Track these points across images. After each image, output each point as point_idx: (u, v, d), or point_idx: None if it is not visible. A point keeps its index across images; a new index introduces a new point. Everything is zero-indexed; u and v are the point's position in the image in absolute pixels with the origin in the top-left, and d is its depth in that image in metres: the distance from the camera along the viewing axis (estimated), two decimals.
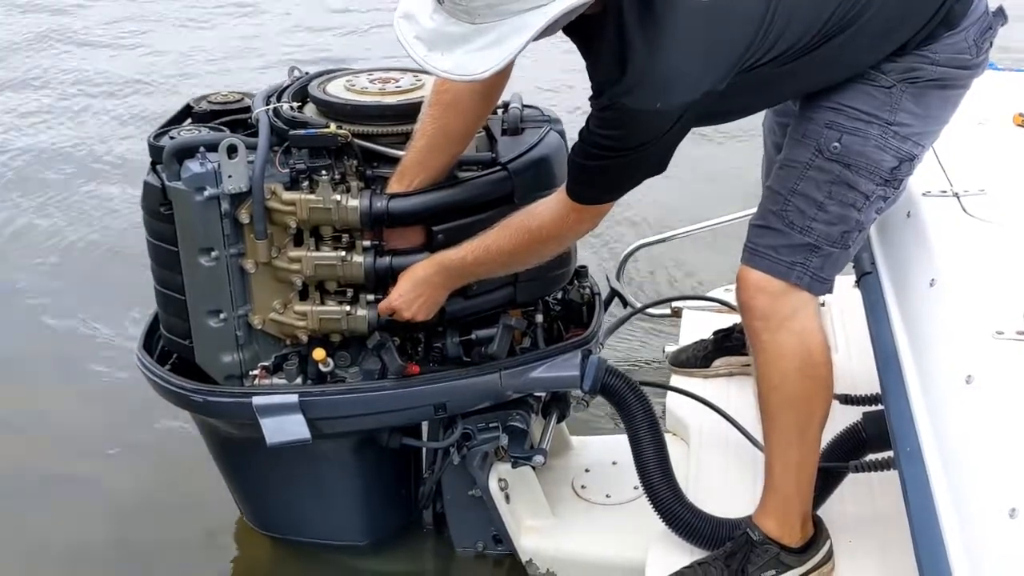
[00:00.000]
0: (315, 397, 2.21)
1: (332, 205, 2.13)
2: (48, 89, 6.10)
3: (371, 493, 2.54)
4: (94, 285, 3.97)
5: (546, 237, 2.00)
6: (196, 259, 2.18)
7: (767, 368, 1.97)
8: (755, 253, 1.95)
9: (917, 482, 1.65)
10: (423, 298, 2.13)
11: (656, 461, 2.25)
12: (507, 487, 2.41)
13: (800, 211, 1.91)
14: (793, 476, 2.04)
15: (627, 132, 1.78)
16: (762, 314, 1.93)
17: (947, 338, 1.78)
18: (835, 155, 1.89)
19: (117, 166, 4.99)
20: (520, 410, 2.37)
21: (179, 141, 2.17)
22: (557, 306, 2.45)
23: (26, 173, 5.00)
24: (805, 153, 1.92)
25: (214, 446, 2.54)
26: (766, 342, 1.95)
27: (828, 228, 1.91)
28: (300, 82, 2.37)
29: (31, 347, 3.59)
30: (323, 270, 2.19)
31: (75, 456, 3.01)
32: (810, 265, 1.92)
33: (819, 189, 1.90)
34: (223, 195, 2.12)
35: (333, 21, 7.30)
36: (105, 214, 4.53)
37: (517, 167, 2.19)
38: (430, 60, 1.63)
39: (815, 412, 1.99)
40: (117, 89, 6.05)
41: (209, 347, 2.26)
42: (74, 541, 2.71)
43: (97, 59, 6.61)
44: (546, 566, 2.46)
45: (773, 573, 2.06)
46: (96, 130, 5.48)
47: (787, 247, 1.92)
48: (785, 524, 2.06)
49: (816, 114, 1.92)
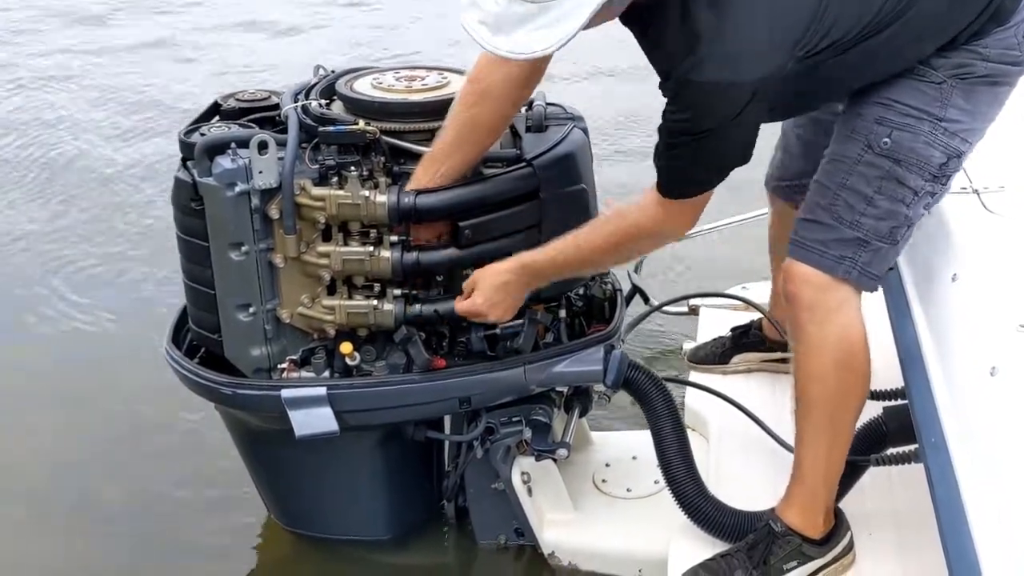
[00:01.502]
0: (343, 390, 2.24)
1: (360, 201, 2.16)
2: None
3: (395, 488, 2.56)
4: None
5: (640, 235, 2.03)
6: (226, 254, 2.21)
7: (808, 359, 1.99)
8: (803, 247, 1.97)
9: (943, 473, 1.68)
10: (508, 300, 2.16)
11: (678, 454, 2.27)
12: (530, 480, 2.44)
13: (849, 206, 1.94)
14: (822, 469, 2.06)
15: (700, 111, 1.79)
16: (808, 305, 1.95)
17: (971, 331, 1.81)
18: (885, 151, 1.91)
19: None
20: (543, 404, 2.40)
21: (210, 137, 2.20)
22: (579, 302, 2.47)
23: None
24: (855, 148, 1.94)
25: (241, 441, 2.57)
26: (811, 334, 1.96)
27: (877, 223, 1.93)
28: (327, 80, 2.40)
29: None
30: (351, 265, 2.22)
31: (101, 452, 3.04)
32: (859, 260, 1.94)
33: (869, 184, 1.93)
34: (253, 190, 2.15)
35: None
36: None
37: (542, 163, 2.22)
38: (494, 42, 1.69)
39: (850, 407, 2.01)
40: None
41: (238, 341, 2.29)
42: (95, 535, 2.74)
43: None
44: (568, 558, 2.49)
45: (795, 564, 2.09)
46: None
47: (836, 241, 1.94)
48: (809, 516, 2.09)
49: (865, 110, 1.94)
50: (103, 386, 3.36)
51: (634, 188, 4.02)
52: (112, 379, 3.40)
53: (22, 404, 3.28)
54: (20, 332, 3.69)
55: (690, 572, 2.14)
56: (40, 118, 5.71)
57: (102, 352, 3.58)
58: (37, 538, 2.74)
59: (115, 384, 3.37)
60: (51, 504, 2.85)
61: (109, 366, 3.48)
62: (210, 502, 2.84)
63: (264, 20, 7.57)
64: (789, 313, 2.03)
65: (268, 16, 7.63)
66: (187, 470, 2.95)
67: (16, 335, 3.68)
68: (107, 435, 3.12)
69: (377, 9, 7.84)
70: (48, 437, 3.12)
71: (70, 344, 3.64)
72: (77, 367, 3.48)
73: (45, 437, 3.12)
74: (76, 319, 3.77)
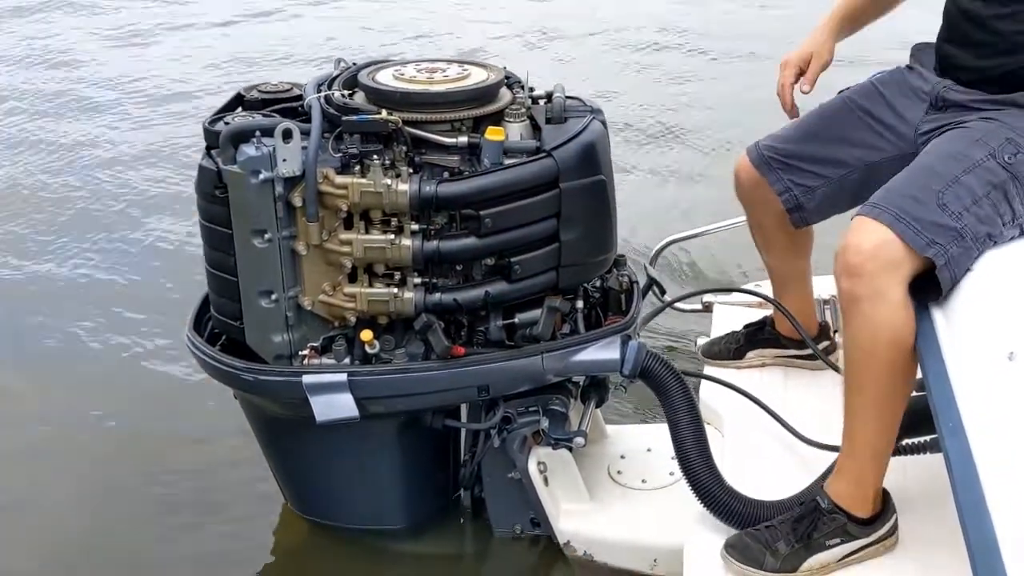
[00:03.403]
0: (364, 376, 2.27)
1: (383, 189, 2.19)
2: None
3: (412, 477, 2.59)
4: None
5: None
6: (249, 241, 2.24)
7: (861, 334, 1.97)
8: (896, 217, 1.95)
9: (961, 457, 1.69)
10: None
11: (695, 444, 2.29)
12: (546, 470, 2.46)
13: (958, 197, 1.97)
14: (872, 443, 2.06)
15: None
16: (869, 280, 1.93)
17: (989, 318, 1.83)
18: (1006, 164, 2.02)
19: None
20: (560, 394, 2.43)
21: (235, 126, 2.23)
22: (596, 293, 2.49)
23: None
24: (980, 152, 2.03)
25: (259, 429, 2.60)
26: (865, 310, 1.95)
27: (977, 224, 1.96)
28: (349, 72, 2.43)
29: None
30: (372, 253, 2.24)
31: (121, 442, 3.07)
32: (949, 250, 1.94)
33: (981, 187, 1.99)
34: (277, 178, 2.18)
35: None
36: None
37: (561, 154, 2.25)
38: None
39: (899, 385, 2.01)
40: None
41: (260, 327, 2.32)
42: (107, 519, 2.77)
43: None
44: (583, 548, 2.51)
45: (838, 541, 2.09)
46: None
47: (934, 225, 1.94)
48: (857, 493, 2.09)
49: (996, 127, 2.06)
50: (119, 365, 3.42)
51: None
52: (128, 361, 3.45)
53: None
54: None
55: (734, 538, 2.16)
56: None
57: (116, 333, 3.64)
58: (47, 522, 2.77)
59: (132, 364, 3.42)
60: (61, 488, 2.89)
61: (127, 344, 3.53)
62: (226, 488, 2.87)
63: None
64: (845, 288, 1.99)
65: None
66: (203, 457, 2.98)
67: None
68: (122, 418, 3.16)
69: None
70: (63, 417, 3.17)
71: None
72: (88, 352, 3.54)
73: (64, 418, 3.17)
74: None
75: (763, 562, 2.10)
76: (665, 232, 3.51)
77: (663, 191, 4.80)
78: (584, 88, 2.60)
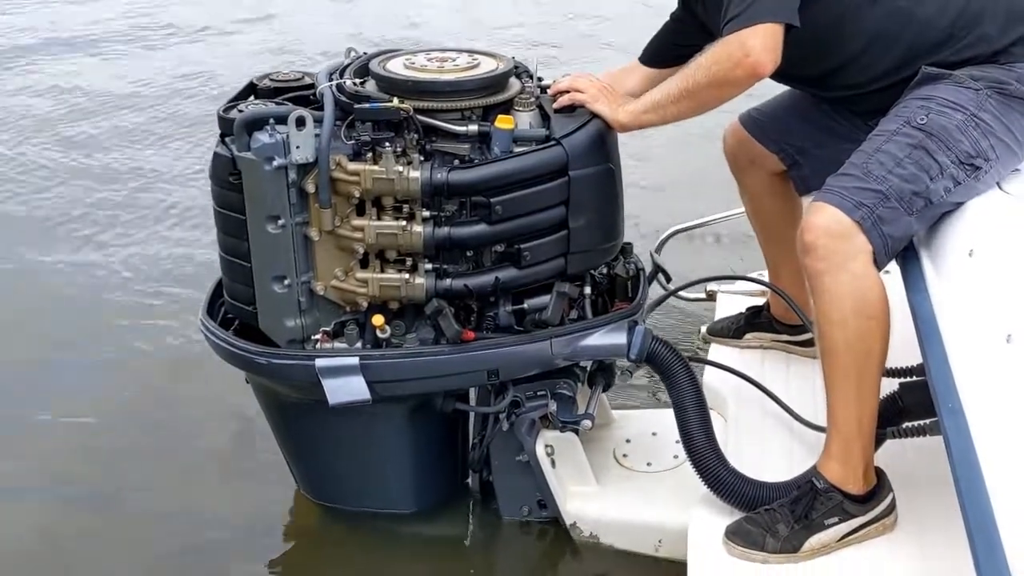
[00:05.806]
0: (375, 360, 2.31)
1: (395, 176, 2.23)
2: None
3: (422, 462, 2.63)
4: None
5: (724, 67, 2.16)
6: (263, 227, 2.28)
7: (828, 307, 2.07)
8: (828, 191, 2.12)
9: (960, 437, 1.73)
10: (610, 93, 2.35)
11: (700, 426, 2.33)
12: (553, 453, 2.50)
13: (880, 163, 2.10)
14: (854, 417, 2.12)
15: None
16: (823, 255, 2.05)
17: (987, 301, 1.87)
18: (920, 126, 2.12)
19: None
20: (567, 379, 2.47)
21: (249, 113, 2.27)
22: (603, 280, 2.53)
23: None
24: (894, 124, 2.16)
25: (271, 413, 2.64)
26: (826, 283, 2.06)
27: (901, 184, 2.08)
28: (360, 61, 2.47)
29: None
30: (384, 239, 2.28)
31: (135, 433, 3.10)
32: (876, 211, 2.06)
33: (901, 150, 2.11)
34: (291, 165, 2.22)
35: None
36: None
37: (571, 142, 2.29)
38: None
39: (873, 352, 2.08)
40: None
41: (273, 312, 2.36)
42: (119, 505, 2.81)
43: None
44: (589, 529, 2.55)
45: (836, 520, 2.14)
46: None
47: (859, 189, 2.08)
48: (848, 468, 2.14)
49: (908, 102, 2.19)
50: (132, 352, 3.47)
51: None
52: (139, 348, 3.50)
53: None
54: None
55: (735, 524, 2.21)
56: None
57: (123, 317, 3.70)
58: (62, 505, 2.81)
59: (144, 353, 3.47)
60: (73, 477, 2.93)
61: (136, 332, 3.58)
62: (237, 473, 2.91)
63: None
64: (806, 265, 2.10)
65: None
66: (215, 442, 3.02)
67: None
68: (135, 406, 3.21)
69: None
70: (72, 403, 3.21)
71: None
72: (100, 331, 3.60)
73: (78, 403, 3.21)
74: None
75: (764, 544, 2.15)
76: (671, 221, 3.55)
77: (669, 180, 4.82)
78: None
